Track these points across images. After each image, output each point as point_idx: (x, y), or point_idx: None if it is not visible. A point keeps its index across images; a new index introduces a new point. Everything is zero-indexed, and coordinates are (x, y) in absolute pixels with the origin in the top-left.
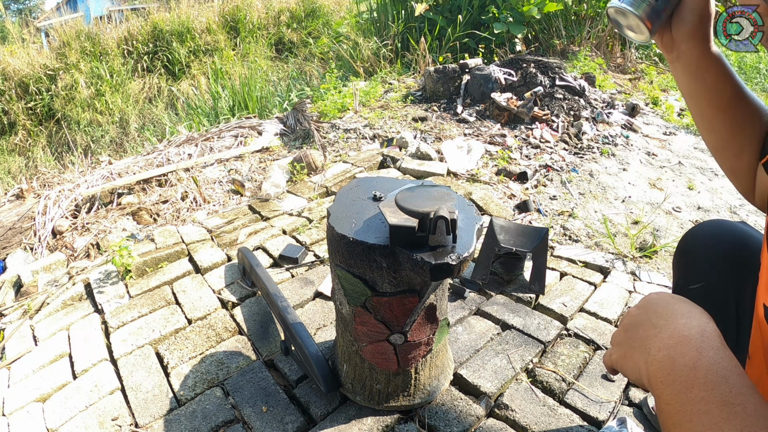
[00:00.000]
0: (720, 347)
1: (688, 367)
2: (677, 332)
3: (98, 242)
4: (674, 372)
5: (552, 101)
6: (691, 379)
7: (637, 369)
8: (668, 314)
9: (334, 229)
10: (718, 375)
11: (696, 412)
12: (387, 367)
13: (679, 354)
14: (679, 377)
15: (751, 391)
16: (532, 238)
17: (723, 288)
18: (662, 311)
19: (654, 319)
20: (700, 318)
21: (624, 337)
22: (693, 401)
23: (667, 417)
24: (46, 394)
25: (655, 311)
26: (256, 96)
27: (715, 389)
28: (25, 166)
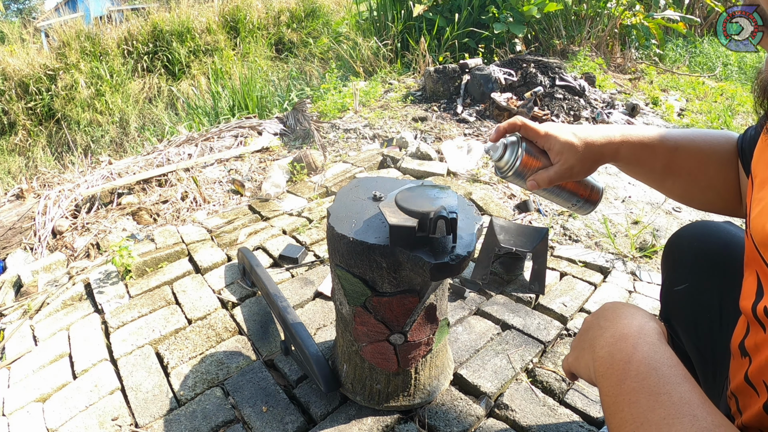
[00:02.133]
0: (655, 342)
1: (624, 361)
2: (618, 331)
3: (98, 242)
4: (612, 366)
5: (552, 101)
6: (624, 372)
7: (587, 368)
8: (613, 317)
9: (334, 229)
10: (648, 367)
11: (626, 402)
12: (387, 367)
13: (617, 350)
14: (616, 371)
15: (680, 380)
16: (532, 238)
17: (707, 288)
18: (609, 315)
19: (601, 322)
20: (642, 318)
21: (578, 342)
22: (625, 392)
23: (606, 407)
24: (46, 394)
25: (603, 316)
26: (256, 96)
27: (644, 380)
28: (25, 166)
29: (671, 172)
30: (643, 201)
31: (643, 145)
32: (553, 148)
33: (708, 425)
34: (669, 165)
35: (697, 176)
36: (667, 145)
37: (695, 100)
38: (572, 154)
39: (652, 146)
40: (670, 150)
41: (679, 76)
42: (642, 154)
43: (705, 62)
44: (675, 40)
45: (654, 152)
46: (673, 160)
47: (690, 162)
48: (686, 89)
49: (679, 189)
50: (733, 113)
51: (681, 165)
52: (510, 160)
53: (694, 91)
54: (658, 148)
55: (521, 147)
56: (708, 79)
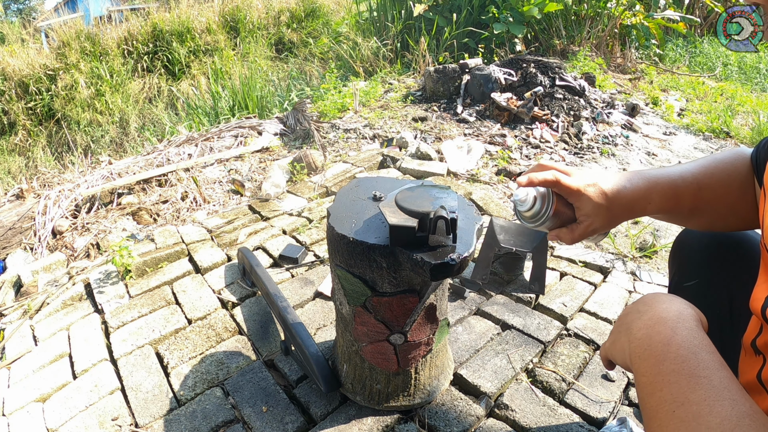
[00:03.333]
0: (694, 328)
1: (663, 343)
2: (656, 315)
3: (98, 242)
4: (650, 347)
5: (552, 101)
6: (664, 353)
7: (623, 351)
8: (651, 302)
9: (334, 229)
10: (688, 351)
11: (666, 382)
12: (387, 367)
13: (655, 332)
14: (654, 352)
15: (718, 366)
16: (532, 238)
17: (717, 284)
18: (648, 300)
19: (639, 307)
20: (680, 304)
21: (615, 327)
22: (664, 373)
23: (642, 388)
24: (46, 394)
25: (642, 301)
26: (256, 96)
27: (684, 363)
28: (25, 166)
29: (696, 211)
30: None
31: (669, 195)
32: (583, 208)
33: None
34: (695, 206)
35: (720, 208)
36: (691, 189)
37: (695, 100)
38: (600, 218)
39: (678, 194)
40: (694, 192)
41: (679, 76)
42: (669, 204)
43: (705, 62)
44: (675, 40)
45: (680, 200)
46: (699, 201)
47: (713, 198)
48: (686, 89)
49: (705, 223)
50: (733, 113)
51: (706, 202)
52: (541, 213)
53: (694, 91)
54: (684, 193)
55: (551, 201)
56: (708, 79)
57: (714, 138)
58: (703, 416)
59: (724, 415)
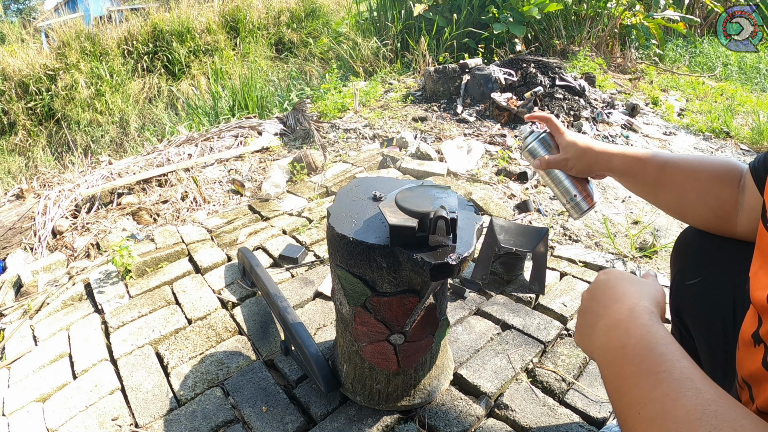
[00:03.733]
0: (647, 323)
1: (619, 347)
2: (611, 319)
3: (98, 242)
4: (609, 354)
5: (552, 101)
6: (621, 357)
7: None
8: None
9: (334, 229)
10: (644, 348)
11: (629, 386)
12: (387, 367)
13: (611, 338)
14: (614, 358)
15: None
16: (532, 238)
17: (720, 283)
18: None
19: (596, 307)
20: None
21: (579, 323)
22: (625, 377)
23: (610, 395)
24: (46, 394)
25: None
26: (256, 96)
27: (642, 362)
28: (25, 166)
29: (662, 185)
30: (643, 201)
31: (635, 158)
32: (561, 143)
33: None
34: (659, 178)
35: (687, 190)
36: (658, 160)
37: (695, 100)
38: (572, 151)
39: (644, 160)
40: (660, 164)
41: (679, 76)
42: (634, 166)
43: (705, 62)
44: (675, 40)
45: (645, 165)
46: (663, 174)
47: (679, 176)
48: (686, 89)
49: (672, 202)
50: (733, 113)
51: (671, 178)
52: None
53: (694, 91)
54: (649, 162)
55: (543, 132)
56: (708, 79)
57: (714, 138)
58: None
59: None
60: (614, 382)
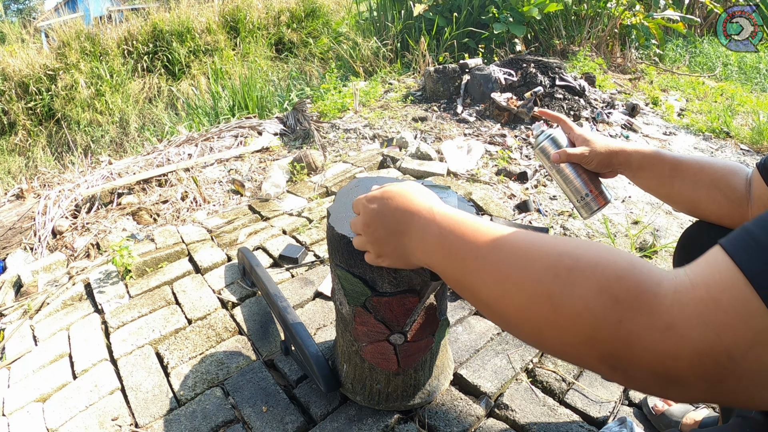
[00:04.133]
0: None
1: (434, 235)
2: (416, 225)
3: (98, 242)
4: (434, 248)
5: (552, 101)
6: (440, 239)
7: (403, 262)
8: (405, 219)
9: (334, 229)
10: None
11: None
12: (387, 367)
13: (429, 234)
14: (434, 246)
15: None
16: None
17: None
18: (399, 216)
19: (395, 226)
20: (419, 201)
21: (374, 240)
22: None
23: (447, 276)
24: (46, 394)
25: (391, 218)
26: (256, 96)
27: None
28: (25, 166)
29: (678, 176)
30: (643, 201)
31: (651, 153)
32: (578, 140)
33: None
34: (676, 169)
35: (701, 177)
36: (674, 155)
37: (695, 100)
38: (590, 145)
39: (660, 154)
40: (675, 158)
41: (679, 76)
42: (651, 160)
43: (705, 62)
44: (675, 40)
45: (661, 160)
46: (680, 165)
47: (693, 166)
48: (686, 89)
49: (687, 190)
50: (733, 113)
51: (686, 169)
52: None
53: (694, 91)
54: (665, 156)
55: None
56: (708, 79)
57: (714, 138)
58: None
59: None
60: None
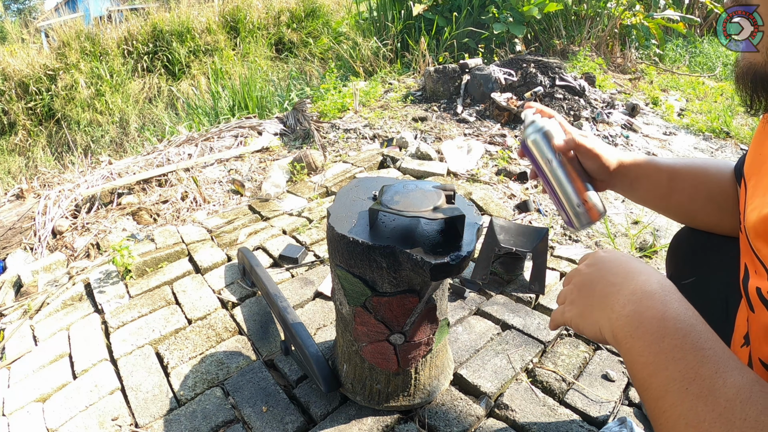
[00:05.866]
0: (682, 299)
1: (657, 318)
2: (639, 288)
3: (98, 242)
4: (643, 325)
5: (552, 101)
6: (661, 329)
7: (597, 326)
8: (625, 272)
9: (334, 229)
10: (686, 324)
11: (671, 359)
12: (387, 367)
13: (645, 308)
14: (649, 329)
15: (715, 337)
16: (532, 238)
17: (713, 283)
18: (617, 269)
19: (611, 278)
20: (657, 274)
21: (578, 296)
22: (666, 350)
23: (641, 368)
24: (46, 394)
25: (609, 270)
26: (256, 96)
27: (686, 337)
28: (25, 166)
29: (676, 188)
30: None
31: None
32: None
33: (754, 376)
34: (672, 178)
35: (698, 190)
36: (669, 163)
37: (695, 100)
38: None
39: (656, 163)
40: (671, 166)
41: (679, 76)
42: (648, 168)
43: (705, 62)
44: (675, 40)
45: (658, 168)
46: (676, 175)
47: (689, 178)
48: (686, 89)
49: (685, 203)
50: (733, 113)
51: (683, 179)
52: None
53: (694, 91)
54: (661, 164)
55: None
56: (708, 79)
57: (714, 138)
58: (718, 388)
59: (738, 384)
60: (650, 354)
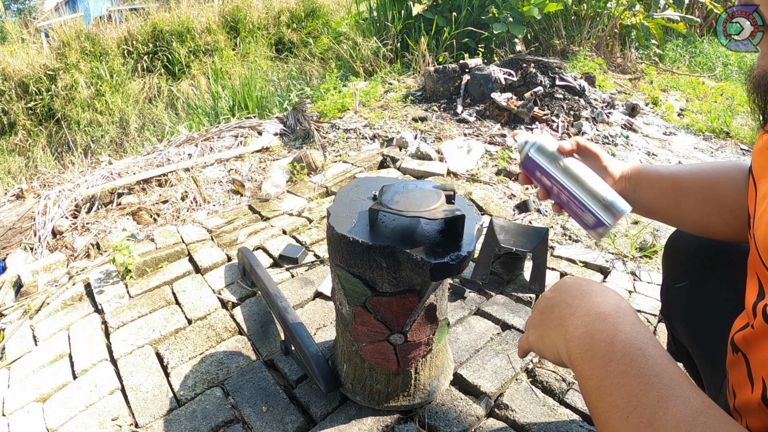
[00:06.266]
0: (635, 322)
1: (606, 342)
2: (593, 310)
3: (98, 242)
4: (593, 348)
5: (552, 101)
6: (609, 353)
7: (555, 348)
8: (582, 294)
9: (333, 229)
10: (634, 348)
11: (615, 385)
12: (387, 367)
13: (596, 330)
14: (598, 352)
15: (666, 361)
16: (532, 238)
17: (707, 287)
18: (576, 292)
19: (569, 300)
20: (614, 296)
21: (540, 320)
22: (612, 375)
23: (589, 392)
24: (46, 394)
25: (569, 293)
26: (256, 96)
27: (632, 362)
28: (25, 166)
29: (682, 195)
30: None
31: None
32: None
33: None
34: (676, 185)
35: (707, 197)
36: (672, 169)
37: (695, 100)
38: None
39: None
40: (674, 172)
41: (679, 76)
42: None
43: (705, 62)
44: (675, 40)
45: (661, 175)
46: (680, 181)
47: (696, 183)
48: (686, 89)
49: (696, 212)
50: (733, 113)
51: (688, 186)
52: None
53: (694, 91)
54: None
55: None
56: (708, 79)
57: (714, 138)
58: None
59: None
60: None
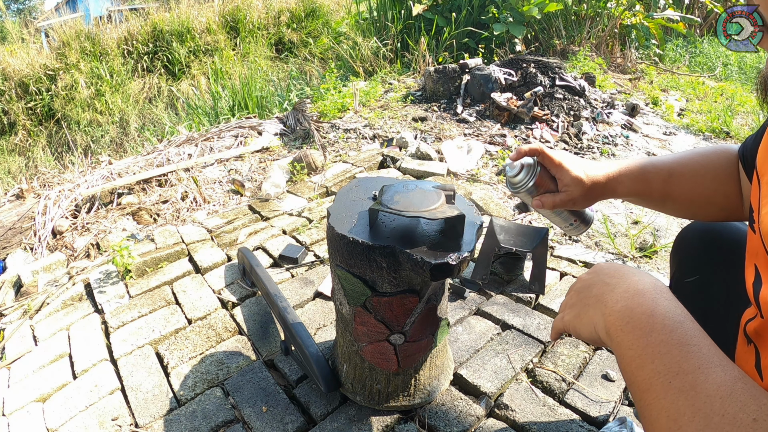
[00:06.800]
0: (672, 298)
1: (646, 314)
2: (632, 287)
3: (98, 242)
4: (633, 320)
5: (552, 101)
6: (650, 324)
7: (592, 325)
8: (620, 274)
9: (333, 229)
10: (673, 321)
11: (657, 353)
12: (387, 367)
13: (636, 304)
14: (639, 323)
15: (703, 335)
16: (532, 238)
17: (717, 280)
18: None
19: (606, 279)
20: (650, 277)
21: (576, 299)
22: (653, 344)
23: (628, 361)
24: (46, 394)
25: (606, 273)
26: (256, 96)
27: (672, 332)
28: (25, 166)
29: (669, 198)
30: None
31: (638, 178)
32: (563, 179)
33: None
34: (665, 192)
35: (695, 197)
36: (661, 174)
37: (695, 100)
38: (578, 189)
39: (647, 179)
40: (664, 179)
41: (679, 76)
42: (638, 187)
43: (705, 62)
44: (675, 40)
45: (649, 184)
46: (669, 187)
47: (685, 185)
48: (686, 89)
49: (681, 211)
50: (733, 113)
51: (677, 190)
52: (524, 179)
53: (694, 91)
54: (653, 179)
55: (536, 171)
56: (708, 79)
57: (714, 138)
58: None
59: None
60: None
